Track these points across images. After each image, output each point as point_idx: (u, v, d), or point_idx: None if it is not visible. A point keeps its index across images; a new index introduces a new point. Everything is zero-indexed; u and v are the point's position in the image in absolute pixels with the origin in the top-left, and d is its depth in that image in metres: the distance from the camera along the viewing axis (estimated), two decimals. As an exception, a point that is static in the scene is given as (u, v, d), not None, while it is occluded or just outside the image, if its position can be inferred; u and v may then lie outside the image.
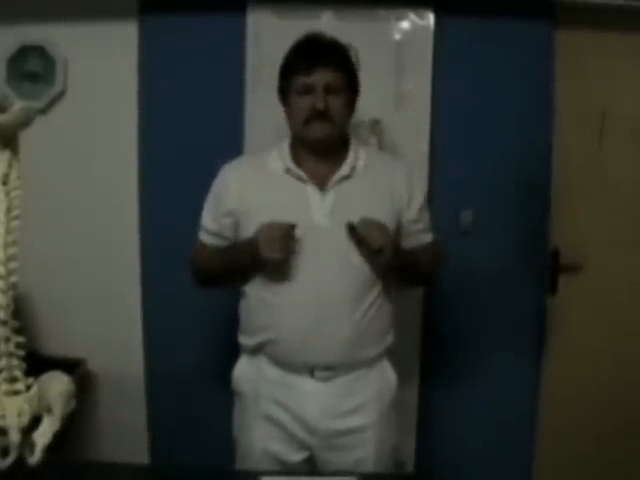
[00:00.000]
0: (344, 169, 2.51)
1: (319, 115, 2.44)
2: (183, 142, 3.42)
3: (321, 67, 2.45)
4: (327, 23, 3.27)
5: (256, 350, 2.62)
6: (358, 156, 2.56)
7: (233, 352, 3.49)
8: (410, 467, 3.41)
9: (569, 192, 3.40)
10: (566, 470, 3.53)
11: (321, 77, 2.44)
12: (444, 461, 3.43)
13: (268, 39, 3.30)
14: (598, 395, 3.50)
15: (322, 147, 2.51)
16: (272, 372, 2.57)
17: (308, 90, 2.46)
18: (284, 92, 2.58)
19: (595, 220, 3.46)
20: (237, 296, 3.43)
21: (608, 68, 3.41)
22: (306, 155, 2.54)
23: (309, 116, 2.47)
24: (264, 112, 3.31)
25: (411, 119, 3.27)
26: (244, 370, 2.69)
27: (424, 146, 3.29)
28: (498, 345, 3.47)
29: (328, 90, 2.45)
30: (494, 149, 3.34)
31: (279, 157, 2.57)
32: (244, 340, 2.70)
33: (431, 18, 3.27)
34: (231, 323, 3.45)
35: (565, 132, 3.37)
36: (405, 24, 3.27)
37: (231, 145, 3.37)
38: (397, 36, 3.25)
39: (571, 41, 3.32)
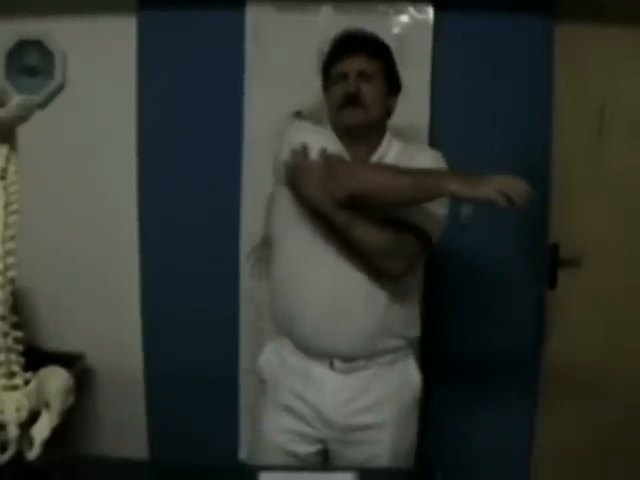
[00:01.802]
0: (372, 160, 2.51)
1: (352, 101, 2.45)
2: (182, 136, 3.43)
3: (355, 54, 2.48)
4: (326, 17, 3.28)
5: (280, 333, 2.61)
6: (390, 148, 2.55)
7: (232, 348, 3.51)
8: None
9: (569, 187, 3.40)
10: (564, 463, 3.53)
11: (354, 63, 2.47)
12: (444, 456, 3.43)
13: (267, 33, 3.31)
14: (597, 388, 3.50)
15: (355, 133, 2.49)
16: (294, 362, 2.55)
17: (343, 77, 2.49)
18: (326, 87, 2.60)
19: (594, 214, 3.45)
20: (235, 292, 3.46)
21: (608, 62, 3.41)
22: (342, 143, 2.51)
23: (342, 102, 2.48)
24: (263, 106, 3.32)
25: (410, 113, 3.25)
26: (268, 358, 2.67)
27: (423, 140, 3.28)
28: (497, 339, 3.46)
29: (362, 76, 2.46)
30: (493, 143, 3.34)
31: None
32: (270, 323, 2.70)
33: (430, 12, 3.27)
34: (230, 319, 3.47)
35: (565, 126, 3.37)
36: (404, 18, 3.28)
37: (230, 139, 3.38)
38: (396, 30, 3.25)
39: (570, 35, 3.31)
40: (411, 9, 3.26)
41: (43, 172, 3.30)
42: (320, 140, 2.43)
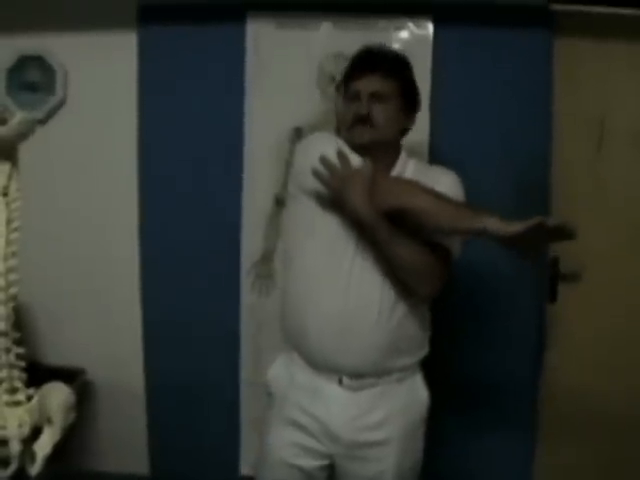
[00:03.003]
0: None
1: (362, 120, 2.46)
2: (183, 151, 3.44)
3: (370, 74, 2.48)
4: (326, 33, 3.29)
5: (290, 347, 2.60)
6: (406, 168, 2.56)
7: (233, 362, 3.51)
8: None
9: (568, 200, 3.40)
10: (566, 474, 3.54)
11: (368, 84, 2.48)
12: (443, 470, 3.42)
13: (267, 49, 3.32)
14: (598, 402, 3.50)
15: (367, 152, 2.45)
16: (302, 377, 2.54)
17: (356, 96, 2.50)
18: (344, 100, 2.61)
19: (595, 228, 3.45)
20: (236, 307, 3.46)
21: (606, 76, 3.41)
22: None
23: (353, 121, 2.49)
24: (264, 121, 3.32)
25: (410, 127, 3.27)
26: (277, 373, 2.66)
27: (423, 154, 3.28)
28: (497, 353, 3.46)
29: (375, 97, 2.47)
30: (493, 157, 3.34)
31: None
32: (281, 336, 2.66)
33: (430, 28, 3.28)
34: (230, 332, 3.47)
35: (564, 140, 3.37)
36: (404, 34, 3.28)
37: (231, 154, 3.39)
38: (396, 46, 3.23)
39: (569, 49, 3.32)
40: (411, 25, 3.27)
41: (44, 187, 3.32)
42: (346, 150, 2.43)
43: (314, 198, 2.46)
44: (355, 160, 2.39)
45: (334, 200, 2.41)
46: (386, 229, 2.35)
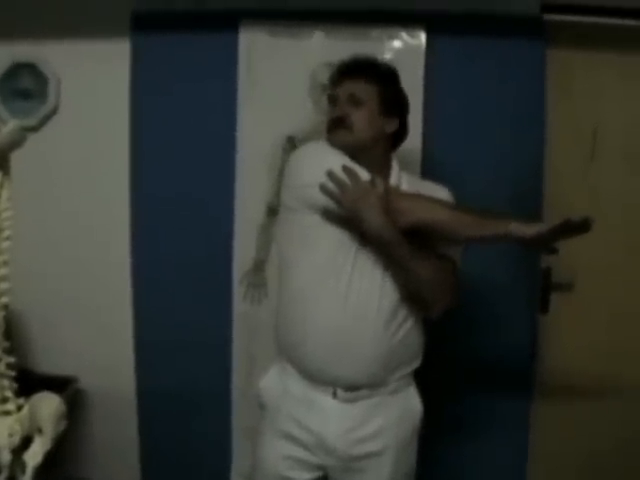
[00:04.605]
0: None
1: (339, 123, 2.48)
2: (175, 159, 3.43)
3: (349, 79, 2.52)
4: (319, 42, 3.30)
5: (283, 358, 2.58)
6: (400, 181, 2.56)
7: (225, 371, 3.50)
8: None
9: (561, 210, 3.39)
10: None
11: (346, 88, 2.51)
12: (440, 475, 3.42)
13: (260, 57, 3.32)
14: (589, 412, 3.50)
15: (352, 158, 2.45)
16: (296, 388, 2.52)
17: (335, 101, 2.54)
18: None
19: (587, 239, 3.42)
20: (228, 315, 3.45)
21: (599, 87, 3.42)
22: None
23: (331, 125, 2.52)
24: (256, 129, 3.32)
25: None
26: (270, 384, 2.64)
27: (416, 164, 3.28)
28: (489, 364, 3.46)
29: (352, 101, 2.49)
30: (486, 167, 3.34)
31: None
32: (275, 346, 2.64)
33: (423, 37, 3.28)
34: (222, 341, 3.47)
35: (557, 150, 3.37)
36: (397, 43, 3.29)
37: (223, 163, 3.38)
38: (389, 55, 3.25)
39: (562, 60, 3.32)
40: (404, 34, 3.28)
41: (36, 195, 3.31)
42: (347, 162, 2.42)
43: (320, 213, 2.43)
44: (364, 175, 2.38)
45: (346, 217, 2.39)
46: (406, 246, 2.35)
